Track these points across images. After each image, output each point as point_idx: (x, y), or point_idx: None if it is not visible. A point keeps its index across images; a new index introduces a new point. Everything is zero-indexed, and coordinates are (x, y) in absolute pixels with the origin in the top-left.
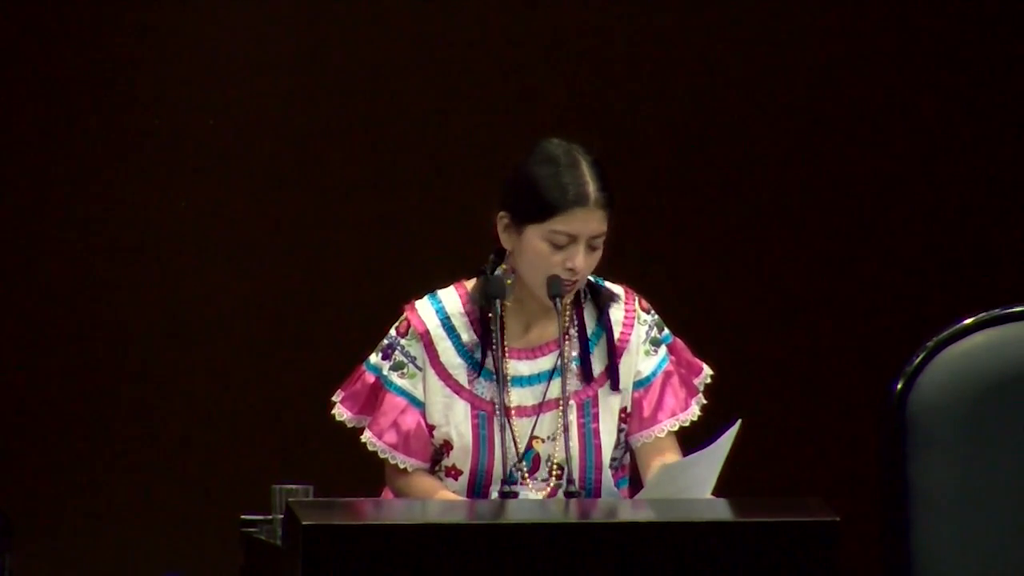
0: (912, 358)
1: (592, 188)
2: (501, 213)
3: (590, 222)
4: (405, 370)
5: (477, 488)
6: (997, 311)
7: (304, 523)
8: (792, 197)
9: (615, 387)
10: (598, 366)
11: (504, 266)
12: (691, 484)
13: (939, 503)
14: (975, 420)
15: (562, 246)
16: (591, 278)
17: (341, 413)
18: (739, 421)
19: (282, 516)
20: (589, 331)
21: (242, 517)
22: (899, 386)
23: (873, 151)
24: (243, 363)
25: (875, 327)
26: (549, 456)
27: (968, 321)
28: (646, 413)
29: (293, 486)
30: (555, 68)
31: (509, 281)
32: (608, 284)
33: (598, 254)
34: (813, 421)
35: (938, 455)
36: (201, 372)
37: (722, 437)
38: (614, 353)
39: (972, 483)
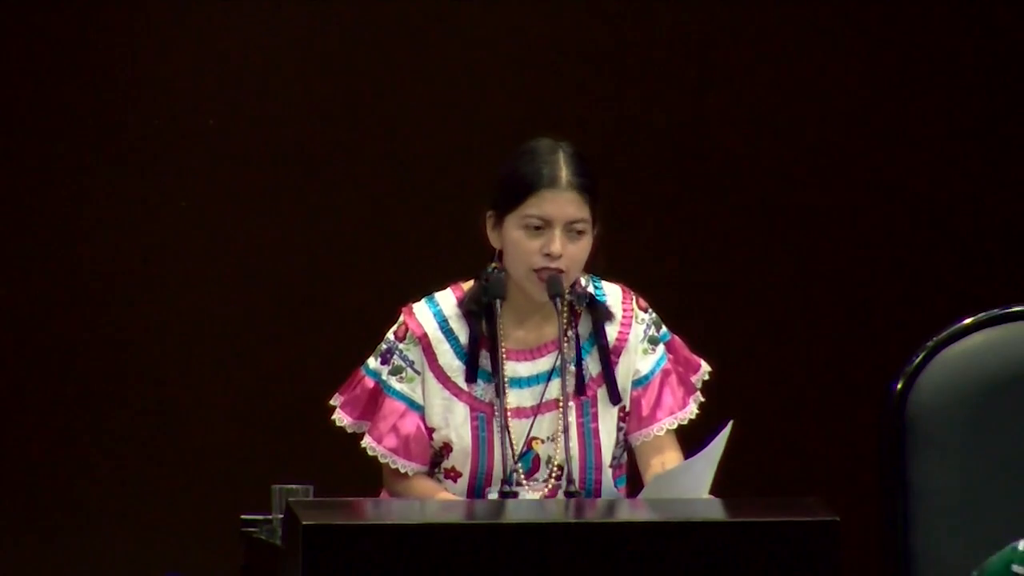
0: (912, 358)
1: (565, 172)
2: (488, 212)
3: (563, 205)
4: (404, 374)
5: (477, 490)
6: (997, 311)
7: (304, 523)
8: (792, 196)
9: (614, 401)
10: (594, 368)
11: (494, 264)
12: (686, 489)
13: (939, 503)
14: (975, 420)
15: (539, 232)
16: (593, 289)
17: (341, 419)
18: (730, 422)
19: (282, 516)
20: (583, 340)
21: (242, 517)
22: (899, 386)
23: (873, 151)
24: (243, 363)
25: (875, 327)
26: (549, 457)
27: (968, 321)
28: (645, 412)
29: (293, 486)
30: (556, 71)
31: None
32: (606, 283)
33: (583, 244)
34: (813, 421)
35: (938, 455)
36: (201, 372)
37: (714, 440)
38: (610, 369)
39: (972, 483)
